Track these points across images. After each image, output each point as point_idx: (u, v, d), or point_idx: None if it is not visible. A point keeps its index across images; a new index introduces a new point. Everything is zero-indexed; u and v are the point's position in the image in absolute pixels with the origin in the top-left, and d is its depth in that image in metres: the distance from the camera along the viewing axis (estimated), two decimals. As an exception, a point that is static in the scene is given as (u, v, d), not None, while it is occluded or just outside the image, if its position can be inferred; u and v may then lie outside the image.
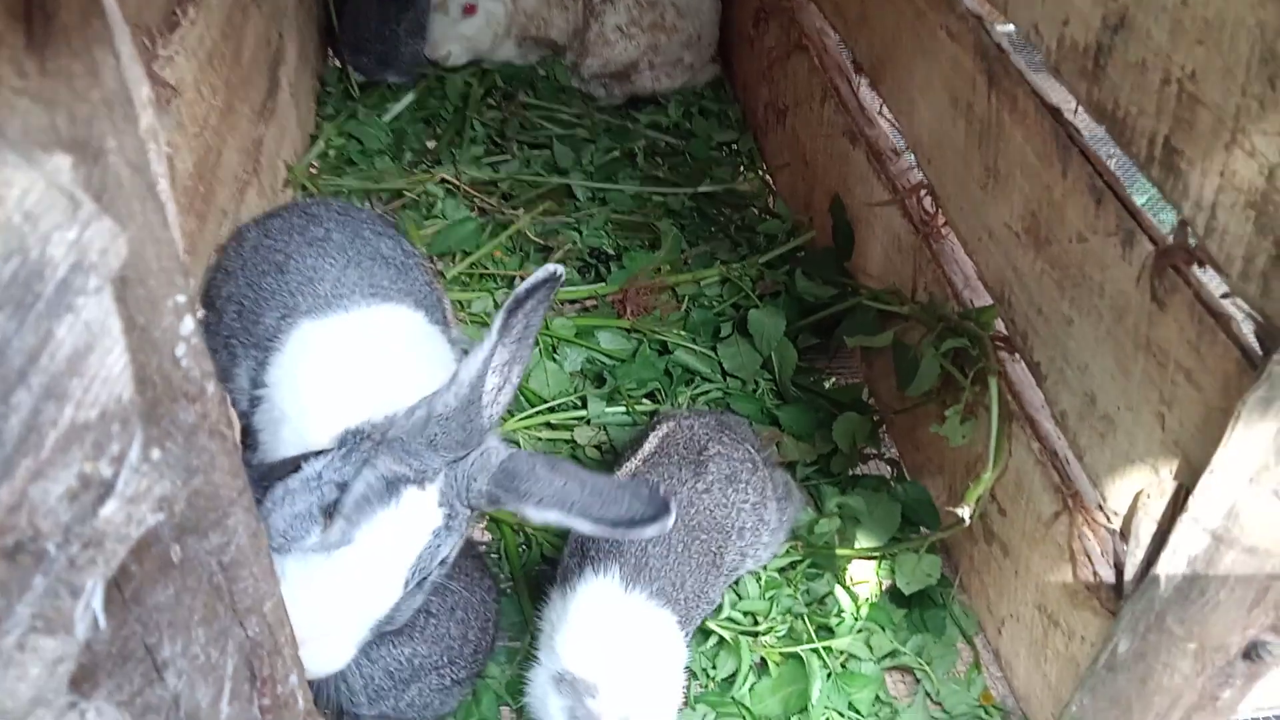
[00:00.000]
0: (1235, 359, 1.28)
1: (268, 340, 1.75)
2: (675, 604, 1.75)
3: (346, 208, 2.07)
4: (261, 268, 1.86)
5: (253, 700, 1.01)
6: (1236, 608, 1.16)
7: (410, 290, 1.87)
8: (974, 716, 1.90)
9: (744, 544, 1.91)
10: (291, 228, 1.94)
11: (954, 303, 2.05)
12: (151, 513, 0.63)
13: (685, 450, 1.94)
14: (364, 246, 1.90)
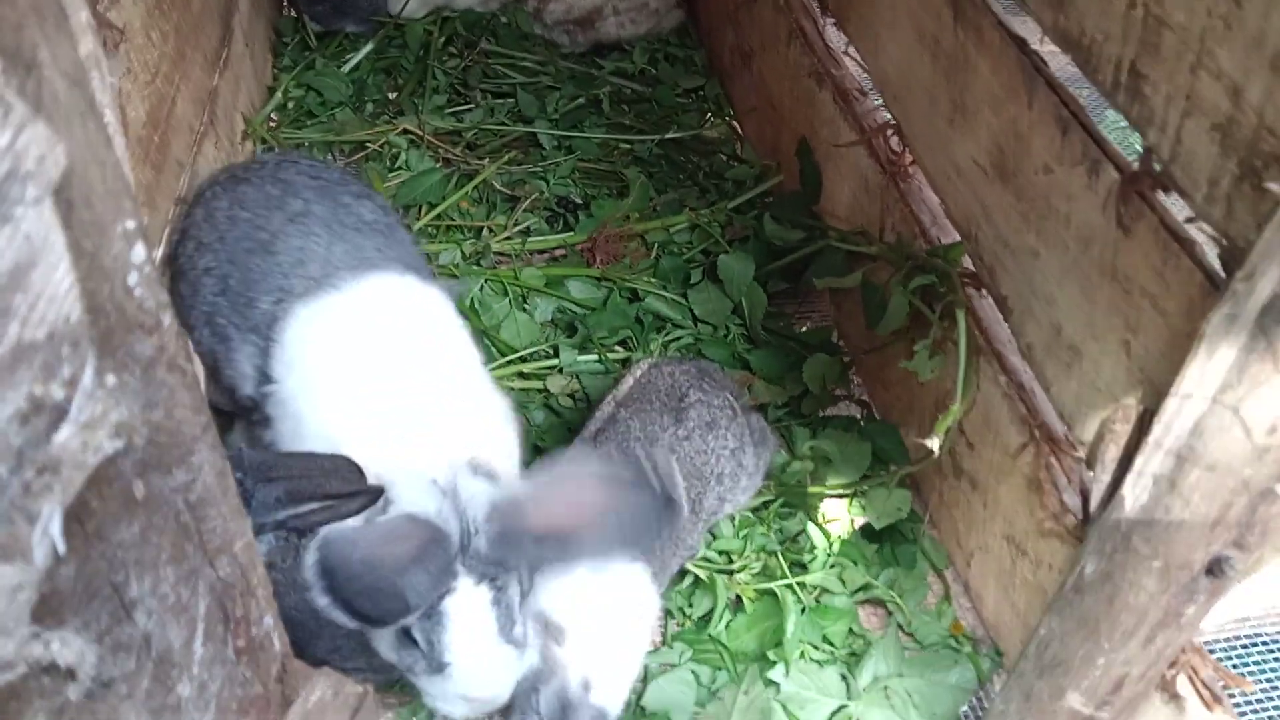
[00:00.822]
0: (1199, 283, 1.29)
1: (266, 327, 1.73)
2: (651, 554, 1.76)
3: (318, 169, 2.02)
4: (245, 245, 1.82)
5: (227, 642, 1.00)
6: (1200, 525, 1.18)
7: (398, 254, 1.85)
8: (945, 646, 1.94)
9: (722, 489, 1.92)
10: (269, 200, 1.88)
11: (921, 241, 2.05)
12: (109, 440, 0.61)
13: (666, 397, 1.94)
14: (346, 216, 1.86)
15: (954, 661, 1.90)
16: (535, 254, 2.60)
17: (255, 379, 1.75)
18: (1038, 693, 1.52)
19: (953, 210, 1.94)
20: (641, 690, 1.83)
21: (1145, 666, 1.38)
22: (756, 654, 1.89)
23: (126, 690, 0.84)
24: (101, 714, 0.81)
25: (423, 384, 1.64)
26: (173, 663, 0.90)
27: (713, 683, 1.87)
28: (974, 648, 1.95)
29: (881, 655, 1.88)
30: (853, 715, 1.84)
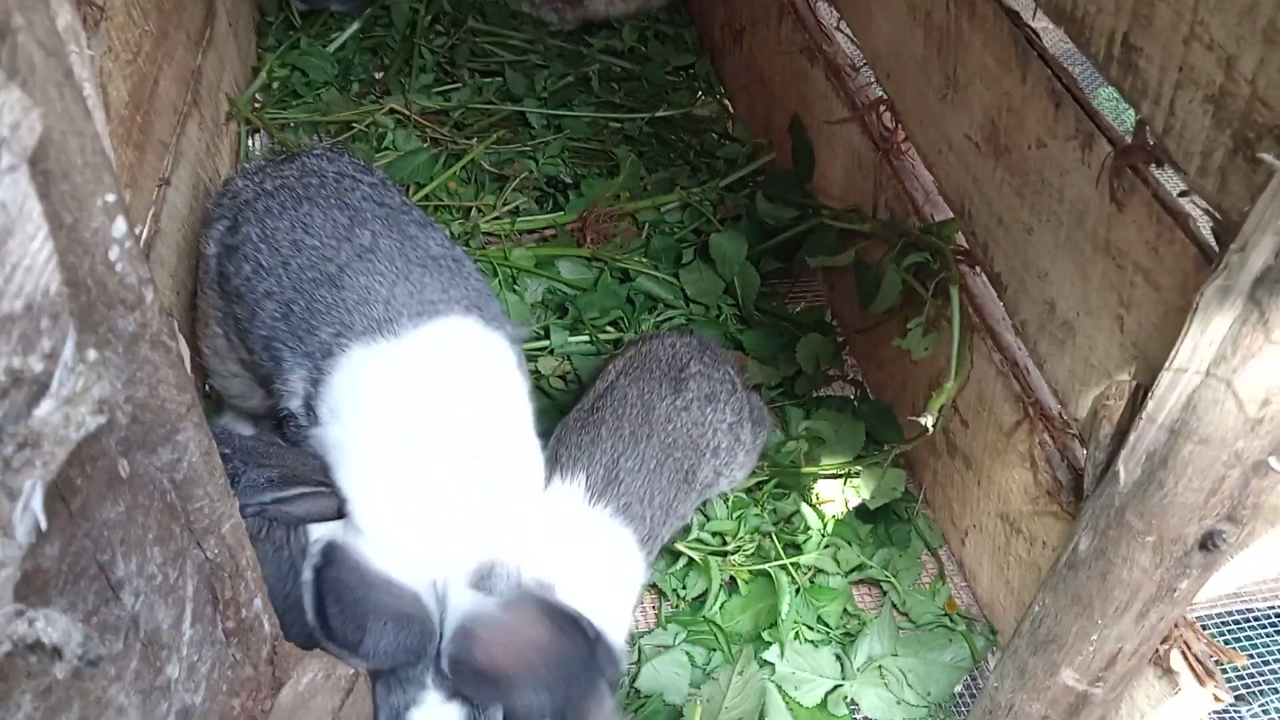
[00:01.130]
0: (1193, 256, 1.28)
1: (321, 356, 1.68)
2: (640, 521, 1.76)
3: (383, 192, 1.92)
4: (311, 275, 1.74)
5: (216, 623, 0.99)
6: (1193, 499, 1.18)
7: (462, 292, 1.76)
8: (939, 625, 1.94)
9: (719, 463, 1.92)
10: (336, 230, 1.79)
11: (915, 218, 2.04)
12: (91, 415, 0.60)
13: (667, 367, 1.93)
14: (413, 251, 1.77)
15: (948, 640, 1.90)
16: (525, 234, 2.58)
17: (302, 399, 1.70)
18: (1032, 669, 1.52)
19: (946, 186, 1.93)
20: (635, 672, 1.84)
21: (1139, 642, 1.39)
22: (751, 635, 1.89)
23: (115, 671, 0.83)
24: (90, 694, 0.80)
25: (460, 462, 1.58)
26: (161, 644, 0.89)
27: (707, 664, 1.87)
28: (968, 626, 1.95)
29: (876, 635, 1.88)
30: (848, 695, 1.84)
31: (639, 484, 1.77)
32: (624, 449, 1.80)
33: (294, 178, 1.90)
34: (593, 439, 1.83)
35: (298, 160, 1.97)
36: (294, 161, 1.96)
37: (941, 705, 1.84)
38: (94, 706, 0.82)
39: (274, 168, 1.97)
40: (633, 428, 1.83)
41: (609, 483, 1.75)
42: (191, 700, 0.97)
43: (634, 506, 1.75)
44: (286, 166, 1.95)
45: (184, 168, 2.22)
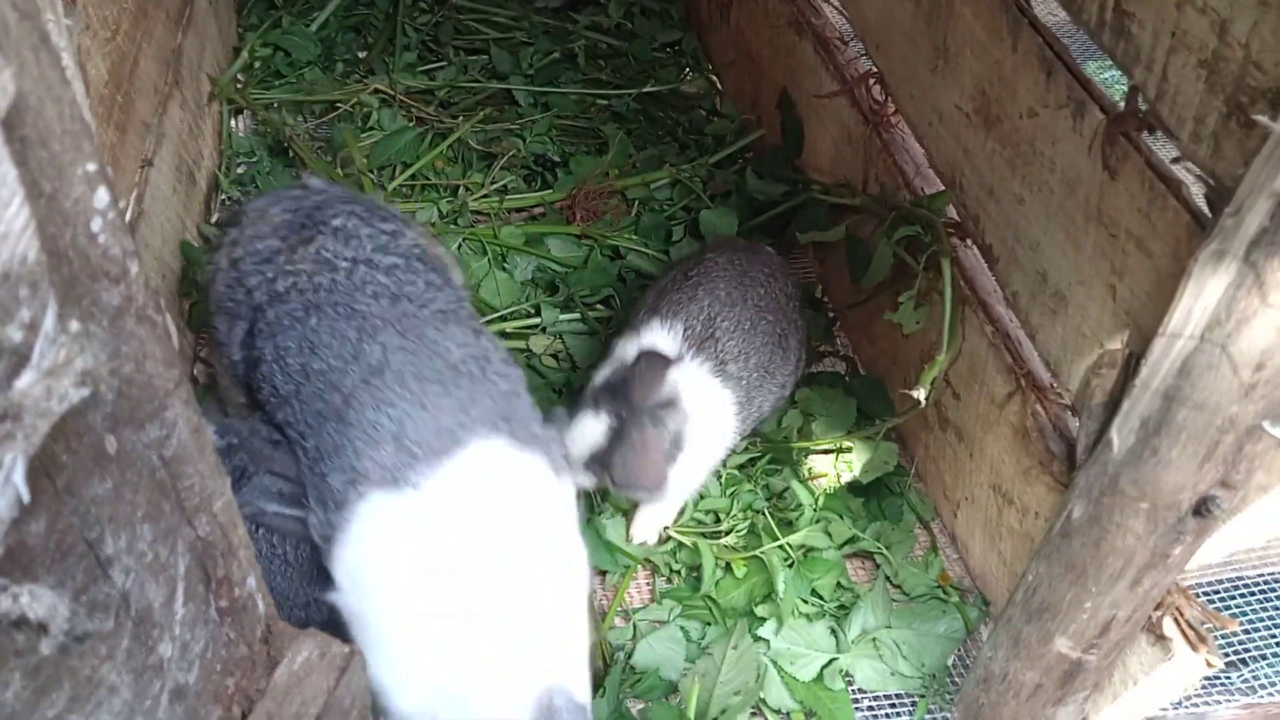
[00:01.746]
0: (1185, 223, 1.28)
1: (336, 507, 1.50)
2: (737, 382, 1.87)
3: (403, 278, 1.70)
4: (318, 406, 1.57)
5: (209, 602, 0.98)
6: (1187, 465, 1.18)
7: (489, 405, 1.56)
8: (932, 596, 1.95)
9: (798, 341, 2.04)
10: (343, 347, 1.59)
11: (905, 192, 2.03)
12: (75, 388, 0.58)
13: (749, 248, 2.10)
14: (429, 365, 1.57)
15: (941, 611, 1.91)
16: (513, 212, 2.57)
17: (323, 551, 1.54)
18: (1026, 637, 1.53)
19: (936, 159, 1.92)
20: (631, 648, 1.84)
21: (1132, 609, 1.39)
22: (746, 609, 1.89)
23: (106, 650, 0.82)
24: (81, 673, 0.79)
25: (509, 629, 1.42)
26: (153, 622, 0.88)
27: (702, 639, 1.87)
28: (961, 598, 1.96)
29: (870, 607, 1.89)
30: (843, 668, 1.85)
31: (735, 343, 1.88)
32: (720, 309, 1.90)
33: (305, 274, 1.70)
34: (690, 297, 1.91)
35: (313, 245, 1.73)
36: (309, 246, 1.73)
37: (935, 676, 1.85)
38: (85, 685, 0.81)
39: (290, 254, 1.73)
40: (728, 289, 1.93)
41: (705, 339, 1.86)
42: (185, 679, 0.96)
43: (731, 367, 1.85)
44: (301, 253, 1.72)
45: (166, 148, 2.19)
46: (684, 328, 1.86)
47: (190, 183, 2.34)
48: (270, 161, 2.58)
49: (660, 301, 1.92)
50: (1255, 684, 1.88)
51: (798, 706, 1.81)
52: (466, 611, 1.41)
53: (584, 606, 1.53)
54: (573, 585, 1.51)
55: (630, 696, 1.79)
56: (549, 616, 1.46)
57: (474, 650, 1.40)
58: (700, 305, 1.90)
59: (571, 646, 1.49)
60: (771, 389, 1.96)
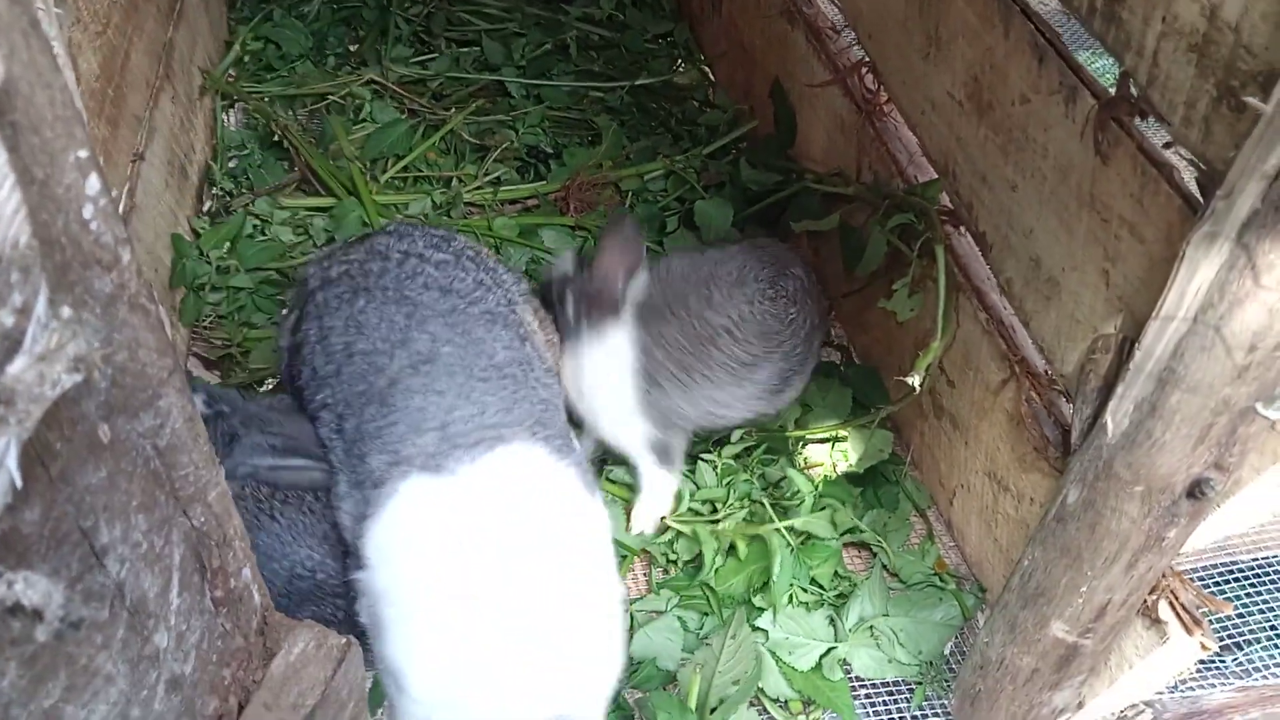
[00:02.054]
0: (1178, 207, 1.28)
1: (373, 486, 1.52)
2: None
3: (452, 273, 1.72)
4: (360, 388, 1.57)
5: (204, 593, 0.98)
6: (1181, 447, 1.18)
7: (528, 410, 1.57)
8: (929, 584, 1.96)
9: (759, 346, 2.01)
10: (391, 330, 1.60)
11: (899, 180, 2.03)
12: (68, 374, 0.58)
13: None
14: (476, 359, 1.58)
15: (939, 599, 1.91)
16: (507, 204, 2.56)
17: (350, 533, 1.56)
18: (1022, 623, 1.53)
19: (929, 147, 1.92)
20: (628, 639, 1.84)
21: (1127, 592, 1.40)
22: (743, 598, 1.90)
23: (102, 639, 0.82)
24: (77, 662, 0.79)
25: (531, 630, 1.42)
26: (148, 612, 0.88)
27: (700, 629, 1.87)
28: (958, 585, 1.96)
29: (867, 596, 1.89)
30: (841, 656, 1.85)
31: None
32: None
33: (358, 262, 1.73)
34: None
35: (367, 241, 1.79)
36: (364, 242, 1.79)
37: (933, 663, 1.86)
38: (81, 675, 0.81)
39: (345, 248, 1.80)
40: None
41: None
42: (181, 670, 0.96)
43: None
44: (355, 248, 1.78)
45: (158, 142, 2.18)
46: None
47: (182, 176, 2.34)
48: (262, 154, 2.57)
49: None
50: (1250, 667, 1.89)
51: (796, 695, 1.81)
52: (492, 604, 1.41)
53: (612, 630, 1.52)
54: (601, 605, 1.50)
55: (627, 687, 1.79)
56: (574, 633, 1.45)
57: (494, 648, 1.40)
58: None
59: (592, 666, 1.48)
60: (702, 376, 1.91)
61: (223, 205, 2.46)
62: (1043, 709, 1.62)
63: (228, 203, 2.46)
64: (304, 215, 2.44)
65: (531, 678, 1.42)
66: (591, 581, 1.50)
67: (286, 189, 2.53)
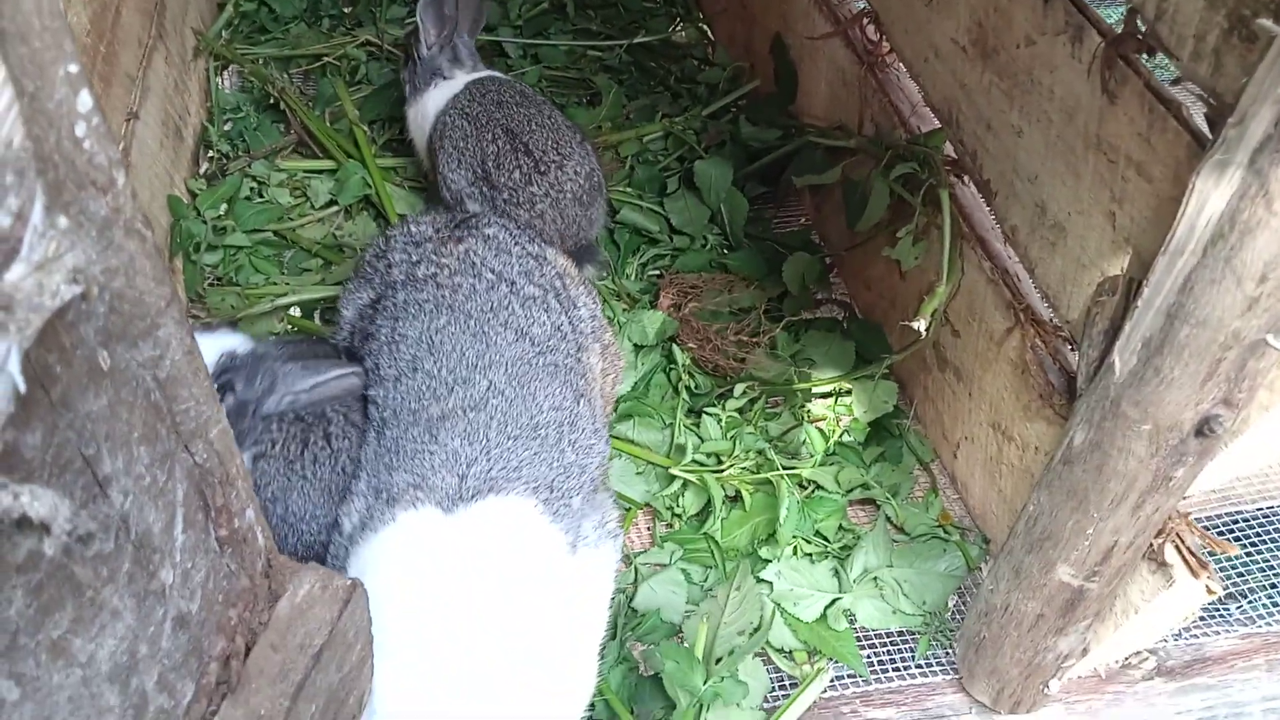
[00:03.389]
0: (1186, 144, 1.26)
1: (386, 501, 1.54)
2: None
3: (534, 313, 1.73)
4: (414, 407, 1.62)
5: (209, 531, 0.98)
6: (1190, 383, 1.17)
7: (542, 470, 1.58)
8: (933, 536, 1.95)
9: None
10: (461, 362, 1.64)
11: (902, 131, 2.01)
12: (66, 284, 0.57)
13: None
14: (521, 415, 1.63)
15: (943, 550, 1.91)
16: (506, 165, 2.53)
17: (348, 535, 1.58)
18: (1027, 568, 1.53)
19: (932, 96, 1.90)
20: (632, 592, 1.84)
21: (1134, 534, 1.39)
22: (748, 550, 1.90)
23: (107, 572, 0.81)
24: (84, 594, 0.79)
25: (471, 678, 1.41)
26: (153, 547, 0.87)
27: (704, 581, 1.87)
28: (962, 537, 1.96)
29: (871, 547, 1.89)
30: (845, 608, 1.86)
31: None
32: None
33: (449, 270, 1.75)
34: None
35: (462, 244, 1.79)
36: (459, 243, 1.79)
37: (937, 614, 1.86)
38: (88, 607, 0.81)
39: (437, 245, 1.80)
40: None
41: None
42: (188, 608, 0.96)
43: None
44: (449, 249, 1.79)
45: (152, 102, 2.16)
46: None
47: (177, 138, 2.31)
48: (258, 117, 2.54)
49: None
50: (1254, 614, 1.89)
51: (801, 646, 1.82)
52: (453, 647, 1.41)
53: (574, 686, 1.51)
54: (545, 671, 1.47)
55: (632, 639, 1.79)
56: (518, 692, 1.43)
57: (452, 688, 1.40)
58: None
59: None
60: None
61: (219, 168, 2.44)
62: (1048, 655, 1.62)
63: (224, 165, 2.44)
64: (302, 177, 2.42)
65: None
66: (540, 641, 1.47)
67: (283, 152, 2.51)
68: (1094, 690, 1.79)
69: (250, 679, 1.06)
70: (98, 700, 0.87)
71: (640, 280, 2.33)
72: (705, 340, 2.09)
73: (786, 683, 1.79)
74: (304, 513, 1.67)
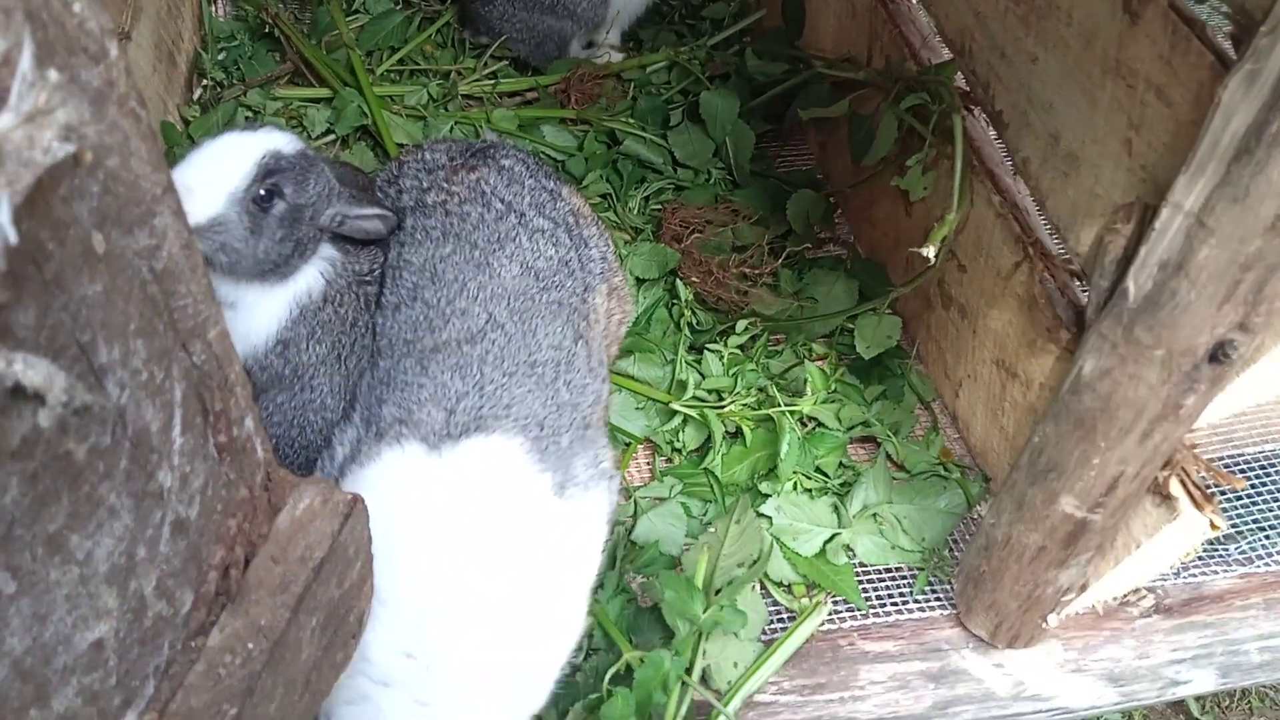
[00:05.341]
0: (1209, 65, 1.23)
1: (375, 434, 1.51)
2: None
3: (542, 246, 1.70)
4: (409, 338, 1.60)
5: (207, 436, 0.96)
6: (1206, 307, 1.16)
7: (532, 408, 1.55)
8: (933, 474, 1.95)
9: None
10: (461, 291, 1.61)
11: (912, 63, 1.97)
12: (58, 141, 0.54)
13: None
14: (518, 353, 1.59)
15: (943, 487, 1.91)
16: (506, 96, 2.49)
17: (337, 468, 1.56)
18: (1030, 499, 1.53)
19: (945, 25, 1.85)
20: (631, 524, 1.83)
21: (1141, 464, 1.38)
22: (748, 485, 1.89)
23: (104, 468, 0.79)
24: (81, 489, 0.77)
25: (455, 626, 1.40)
26: (151, 447, 0.85)
27: (704, 515, 1.87)
28: (962, 474, 1.96)
29: (871, 483, 1.88)
30: (845, 542, 1.85)
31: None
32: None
33: (458, 198, 1.72)
34: None
35: (475, 172, 1.76)
36: (471, 171, 1.76)
37: (935, 550, 1.86)
38: (84, 503, 0.79)
39: (450, 173, 1.77)
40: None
41: None
42: (186, 514, 0.94)
43: None
44: (460, 177, 1.76)
45: (145, 24, 2.10)
46: None
47: (170, 64, 2.26)
48: (252, 46, 2.48)
49: None
50: (1253, 555, 1.89)
51: (800, 579, 1.82)
52: (436, 594, 1.40)
53: (556, 632, 1.50)
54: (529, 613, 1.46)
55: (631, 571, 1.79)
56: (509, 639, 1.43)
57: (432, 637, 1.39)
58: None
59: (516, 676, 1.45)
60: None
61: (214, 97, 2.39)
62: (1047, 588, 1.62)
63: (219, 94, 2.39)
64: (298, 106, 2.37)
65: (471, 663, 1.41)
66: (522, 584, 1.46)
67: (279, 80, 2.45)
68: (1091, 627, 1.80)
69: (250, 590, 1.05)
70: (95, 601, 0.86)
71: (643, 214, 2.29)
72: (708, 273, 2.06)
73: (785, 615, 1.79)
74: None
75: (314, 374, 1.65)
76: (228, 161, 1.50)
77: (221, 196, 1.48)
